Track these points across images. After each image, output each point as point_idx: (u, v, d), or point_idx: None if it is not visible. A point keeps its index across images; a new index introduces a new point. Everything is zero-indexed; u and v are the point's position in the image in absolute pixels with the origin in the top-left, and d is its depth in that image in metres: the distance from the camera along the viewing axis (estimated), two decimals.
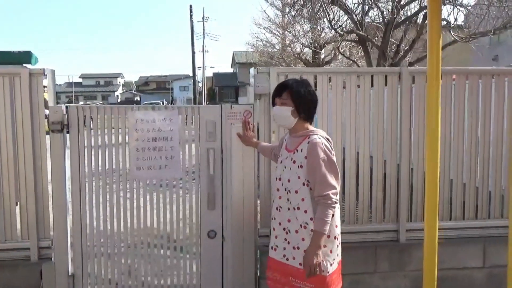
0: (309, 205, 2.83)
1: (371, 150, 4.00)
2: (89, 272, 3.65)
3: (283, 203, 2.94)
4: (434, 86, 2.67)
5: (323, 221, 2.74)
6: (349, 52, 16.63)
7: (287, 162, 2.94)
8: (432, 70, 2.67)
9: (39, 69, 3.58)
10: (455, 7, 10.87)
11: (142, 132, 3.54)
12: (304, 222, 2.84)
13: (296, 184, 2.86)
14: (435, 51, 2.67)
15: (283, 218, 2.94)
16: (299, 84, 2.96)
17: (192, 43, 41.26)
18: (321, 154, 2.80)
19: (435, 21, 2.70)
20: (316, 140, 2.83)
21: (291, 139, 3.00)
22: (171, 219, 3.68)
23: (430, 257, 2.78)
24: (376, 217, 4.03)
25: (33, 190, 3.57)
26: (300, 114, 2.93)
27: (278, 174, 3.02)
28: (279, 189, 2.97)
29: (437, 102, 2.67)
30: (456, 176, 4.10)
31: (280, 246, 2.96)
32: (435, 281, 2.91)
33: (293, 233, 2.89)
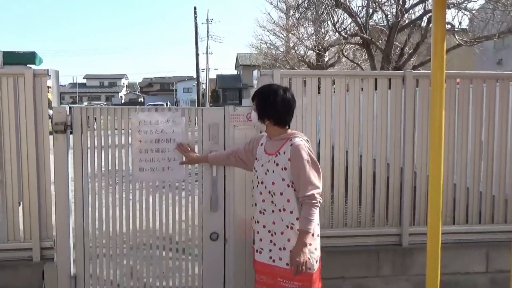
0: (294, 206, 2.93)
1: (374, 153, 3.99)
2: (91, 273, 3.65)
3: (267, 206, 3.00)
4: (438, 90, 2.66)
5: (308, 220, 2.84)
6: (353, 55, 16.63)
7: (269, 165, 3.00)
8: (437, 74, 2.66)
9: (43, 70, 3.59)
10: (459, 11, 10.85)
11: (145, 134, 3.54)
12: (291, 222, 2.93)
13: (280, 186, 2.94)
14: (439, 55, 2.66)
15: (268, 221, 3.00)
16: (269, 92, 3.05)
17: (196, 45, 41.31)
18: (305, 155, 2.90)
19: (440, 25, 2.69)
20: (299, 143, 2.94)
21: (270, 143, 3.08)
22: (173, 221, 3.67)
23: (433, 261, 2.77)
24: (379, 221, 4.01)
25: (36, 191, 3.57)
26: (265, 121, 3.04)
27: (259, 177, 3.06)
28: (262, 192, 3.03)
29: (441, 105, 2.66)
30: (459, 181, 4.09)
31: (266, 249, 3.00)
32: (438, 286, 2.90)
33: (279, 234, 2.96)
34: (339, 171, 3.92)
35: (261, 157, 3.10)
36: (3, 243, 3.61)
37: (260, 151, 3.13)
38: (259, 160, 3.11)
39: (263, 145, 3.12)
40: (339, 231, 3.93)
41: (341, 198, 3.93)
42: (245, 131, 3.61)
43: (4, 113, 3.55)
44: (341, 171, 3.92)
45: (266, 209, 3.00)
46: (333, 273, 3.83)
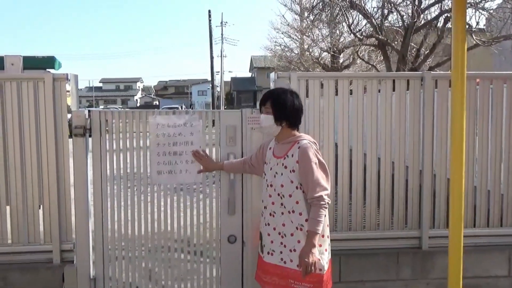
0: (303, 207, 2.96)
1: (392, 155, 3.95)
2: (110, 275, 3.67)
3: (276, 208, 3.03)
4: (459, 91, 2.63)
5: (317, 221, 2.87)
6: (368, 57, 16.52)
7: (278, 168, 3.04)
8: (457, 75, 2.63)
9: (62, 74, 3.63)
10: (477, 10, 10.71)
11: (163, 137, 3.56)
12: (300, 224, 2.96)
13: (289, 188, 2.98)
14: (460, 55, 2.63)
15: (278, 223, 3.02)
16: (283, 94, 3.09)
17: (211, 48, 41.50)
18: (313, 158, 2.95)
19: (460, 25, 2.66)
20: (306, 145, 2.98)
21: (278, 146, 3.11)
22: (191, 223, 3.68)
23: (455, 265, 2.73)
24: (398, 223, 3.97)
25: (56, 194, 3.61)
26: (282, 123, 3.05)
27: (268, 180, 3.10)
28: (271, 195, 3.06)
29: (462, 107, 2.63)
30: (480, 183, 4.02)
31: (277, 250, 3.03)
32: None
33: (289, 236, 2.98)
34: (357, 173, 3.89)
35: (270, 160, 3.14)
36: (23, 245, 3.65)
37: (269, 155, 3.18)
38: (268, 163, 3.16)
39: (271, 149, 3.17)
40: (358, 234, 3.90)
41: (359, 200, 3.90)
42: (262, 133, 3.60)
43: (24, 117, 3.59)
44: (359, 174, 3.89)
45: (276, 211, 3.04)
46: (351, 277, 3.81)
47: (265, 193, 3.15)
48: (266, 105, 3.07)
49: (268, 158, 3.17)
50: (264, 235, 3.13)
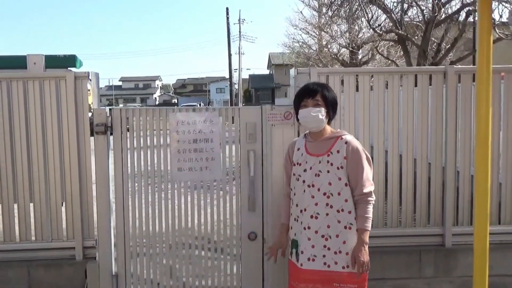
0: (351, 205, 2.87)
1: (414, 152, 3.89)
2: (132, 272, 3.70)
3: (320, 209, 2.88)
4: (484, 85, 2.56)
5: (368, 218, 2.84)
6: (387, 52, 16.34)
7: (322, 166, 2.89)
8: (482, 68, 2.56)
9: (83, 73, 3.66)
10: (500, 3, 10.48)
11: (183, 134, 3.56)
12: (349, 223, 2.86)
13: (338, 186, 2.86)
14: (485, 48, 2.57)
15: (321, 225, 2.88)
16: (327, 87, 3.02)
17: (229, 45, 41.55)
18: (363, 153, 2.90)
19: (486, 17, 2.59)
20: (355, 140, 2.93)
21: (315, 143, 2.96)
22: (211, 220, 3.69)
23: (480, 263, 2.67)
24: (420, 220, 3.91)
25: (78, 191, 3.65)
26: (330, 117, 2.97)
27: (308, 181, 2.92)
28: (314, 196, 2.89)
29: (487, 102, 2.56)
30: (505, 179, 3.94)
31: (319, 255, 2.88)
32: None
33: (334, 238, 2.87)
34: (379, 170, 3.84)
35: (304, 160, 2.96)
36: (47, 242, 3.70)
37: (298, 155, 3.01)
38: (301, 164, 2.97)
39: (301, 148, 3.01)
40: (379, 231, 3.85)
41: (381, 197, 3.85)
42: (282, 130, 3.59)
43: (47, 115, 3.64)
44: (380, 171, 3.84)
45: (320, 212, 2.88)
46: (373, 274, 3.74)
47: (303, 196, 2.94)
48: (316, 97, 2.90)
49: (299, 159, 2.99)
50: (302, 240, 2.93)
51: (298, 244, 2.96)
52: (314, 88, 2.95)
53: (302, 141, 3.06)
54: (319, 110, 2.89)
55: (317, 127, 2.94)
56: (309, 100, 2.92)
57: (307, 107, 2.91)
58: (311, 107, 2.90)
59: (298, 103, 2.98)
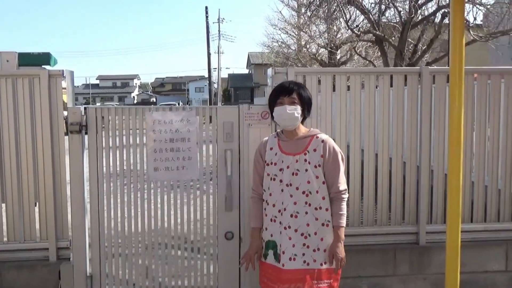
0: (328, 203, 2.93)
1: (390, 151, 3.94)
2: (107, 272, 3.66)
3: (300, 208, 2.89)
4: (457, 86, 2.62)
5: (343, 215, 2.92)
6: (365, 53, 16.52)
7: (299, 165, 2.90)
8: (455, 70, 2.62)
9: (58, 71, 3.60)
10: (474, 6, 10.69)
11: (160, 133, 3.54)
12: (327, 220, 2.91)
13: (315, 184, 2.89)
14: (458, 50, 2.62)
15: (302, 223, 2.90)
16: (303, 87, 3.04)
17: (208, 45, 41.42)
18: (338, 150, 2.97)
19: (458, 19, 2.65)
20: (330, 139, 2.99)
21: (291, 143, 2.96)
22: (188, 220, 3.67)
23: (452, 260, 2.73)
24: (395, 219, 3.97)
25: (51, 191, 3.59)
26: (305, 116, 2.99)
27: (285, 180, 2.91)
28: (293, 195, 2.90)
29: (460, 102, 2.62)
30: (477, 178, 4.02)
31: (299, 254, 2.88)
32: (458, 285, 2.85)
33: (313, 235, 2.89)
34: (355, 169, 3.88)
35: (280, 159, 2.94)
36: (19, 243, 3.63)
37: (272, 155, 2.98)
38: (277, 163, 2.95)
39: (274, 148, 2.99)
40: (355, 229, 3.89)
41: (356, 196, 3.89)
42: (259, 129, 3.59)
43: (20, 114, 3.57)
44: (356, 170, 3.88)
45: (299, 211, 2.89)
46: (349, 272, 3.79)
47: (280, 195, 2.92)
48: (292, 95, 2.90)
49: (273, 158, 2.97)
50: (283, 241, 2.90)
51: (277, 244, 2.95)
52: (290, 86, 2.96)
53: (274, 140, 3.04)
54: (295, 108, 2.90)
55: (292, 125, 2.94)
56: (285, 98, 2.92)
57: (283, 105, 2.91)
58: (287, 105, 2.90)
59: (274, 100, 2.97)
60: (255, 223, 3.11)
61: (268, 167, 3.00)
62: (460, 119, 2.63)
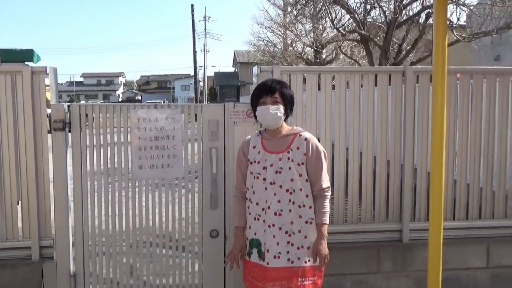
0: (311, 200, 2.94)
1: (374, 150, 3.98)
2: (91, 271, 3.63)
3: (284, 206, 2.90)
4: (440, 85, 2.65)
5: (326, 213, 2.94)
6: (350, 52, 16.62)
7: (282, 163, 2.91)
8: (438, 69, 2.65)
9: (41, 67, 3.56)
10: (457, 6, 10.83)
11: (145, 131, 3.52)
12: (310, 218, 2.93)
13: (299, 182, 2.91)
14: (441, 50, 2.65)
15: (286, 221, 2.91)
16: (285, 85, 3.02)
17: (194, 43, 41.26)
18: (321, 149, 2.98)
19: (441, 20, 2.67)
20: (313, 137, 3.00)
21: (274, 141, 2.97)
22: (173, 218, 3.66)
23: (434, 257, 2.76)
24: (379, 217, 4.00)
25: (34, 189, 3.55)
26: (288, 114, 3.00)
27: (269, 178, 2.91)
28: (277, 193, 2.90)
29: (443, 101, 2.65)
30: (460, 177, 4.08)
31: (283, 252, 2.90)
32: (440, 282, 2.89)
33: (297, 233, 2.91)
34: (339, 167, 3.90)
35: (263, 158, 2.95)
36: (1, 241, 3.58)
37: (255, 153, 2.98)
38: (260, 162, 2.95)
39: (257, 146, 2.99)
40: (340, 227, 3.93)
41: (341, 194, 3.92)
42: (244, 128, 3.59)
43: (2, 111, 3.52)
44: (341, 168, 3.91)
45: (283, 209, 2.90)
46: (333, 270, 3.82)
47: (264, 194, 2.93)
48: (275, 95, 2.90)
49: (256, 157, 2.97)
50: (267, 239, 2.91)
51: (261, 243, 2.95)
52: (273, 85, 2.94)
53: (257, 138, 3.04)
54: (278, 107, 2.90)
55: (275, 125, 2.95)
56: (268, 97, 2.91)
57: (266, 104, 2.91)
58: (270, 105, 2.90)
59: (256, 100, 2.97)
60: (238, 221, 3.11)
61: (251, 166, 3.00)
62: (442, 118, 2.67)
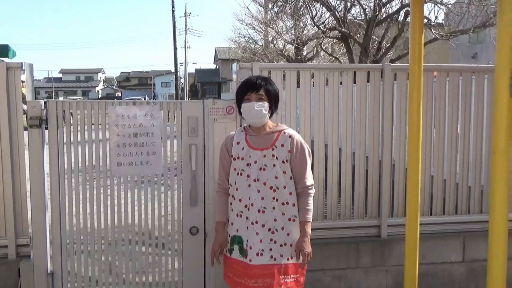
0: (295, 198, 2.94)
1: (353, 146, 4.02)
2: (69, 269, 3.59)
3: (267, 203, 2.89)
4: (416, 83, 2.70)
5: (309, 210, 2.92)
6: (331, 49, 16.70)
7: (267, 160, 2.89)
8: (414, 67, 2.69)
9: (16, 63, 3.50)
10: (435, 5, 11.00)
11: (123, 128, 3.49)
12: (293, 215, 2.92)
13: (283, 179, 2.89)
14: (417, 48, 2.70)
15: (269, 219, 2.89)
16: (270, 82, 3.00)
17: (174, 39, 41.00)
18: (306, 146, 2.96)
19: (417, 19, 2.72)
20: (297, 135, 2.98)
21: (257, 137, 2.95)
22: (152, 215, 3.63)
23: (411, 251, 2.81)
24: (358, 213, 4.05)
25: (10, 187, 3.49)
26: (273, 111, 2.99)
27: (253, 176, 2.90)
28: (260, 190, 2.89)
29: (419, 98, 2.70)
30: (436, 172, 4.15)
31: (266, 249, 2.88)
32: (416, 276, 2.95)
33: (280, 230, 2.90)
34: (319, 164, 3.93)
35: (248, 154, 2.93)
36: None
37: (239, 149, 2.96)
38: (244, 158, 2.93)
39: (241, 142, 2.97)
40: (319, 223, 3.95)
41: (320, 191, 3.95)
42: (224, 124, 3.59)
43: None
44: (320, 165, 3.94)
45: (267, 206, 2.89)
46: (313, 266, 3.85)
47: (247, 190, 2.91)
48: (260, 92, 2.88)
49: (240, 153, 2.95)
50: (250, 236, 2.90)
51: (243, 240, 2.94)
52: (258, 82, 2.91)
53: (241, 134, 3.02)
54: (262, 104, 2.88)
55: (260, 122, 2.94)
56: (253, 94, 2.89)
57: (251, 101, 2.88)
58: (255, 102, 2.88)
59: (241, 97, 2.94)
60: (219, 217, 3.10)
61: (234, 162, 2.98)
62: (419, 115, 2.71)
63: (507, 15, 2.12)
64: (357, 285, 4.02)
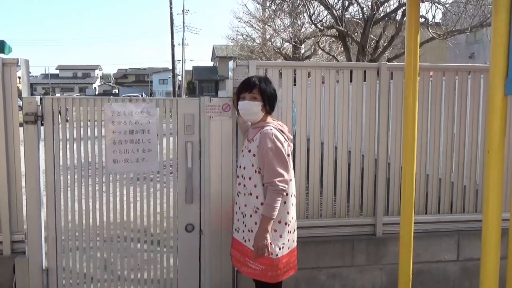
0: (260, 191, 3.02)
1: (349, 145, 4.02)
2: (64, 266, 3.59)
3: (241, 188, 3.14)
4: (412, 82, 2.70)
5: (271, 207, 2.94)
6: (329, 48, 16.71)
7: (245, 151, 3.15)
8: (410, 66, 2.70)
9: (12, 59, 3.48)
10: (433, 4, 11.01)
11: (119, 125, 3.48)
12: (255, 207, 3.04)
13: (249, 171, 3.06)
14: (413, 47, 2.70)
15: (241, 203, 3.14)
16: (266, 81, 3.17)
17: (172, 36, 40.91)
18: (269, 143, 2.98)
19: (414, 18, 2.72)
20: (267, 131, 3.02)
21: (251, 130, 3.20)
22: (148, 212, 3.63)
23: (405, 250, 2.82)
24: (353, 211, 4.06)
25: (5, 184, 3.48)
26: (267, 109, 3.12)
27: (239, 162, 3.22)
28: (239, 176, 3.16)
29: (414, 97, 2.70)
30: (432, 171, 4.16)
31: (240, 229, 3.17)
32: (410, 274, 2.96)
33: (248, 217, 3.08)
34: (315, 162, 3.94)
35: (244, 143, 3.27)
36: None
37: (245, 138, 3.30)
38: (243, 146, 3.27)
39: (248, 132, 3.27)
40: (314, 221, 3.96)
41: (316, 189, 3.95)
42: (220, 122, 3.59)
43: None
44: (316, 163, 3.95)
45: (240, 191, 3.15)
46: (308, 263, 3.87)
47: (236, 174, 3.28)
48: (253, 91, 3.07)
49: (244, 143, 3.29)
50: (234, 212, 3.26)
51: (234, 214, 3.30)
52: (253, 82, 3.11)
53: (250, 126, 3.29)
54: (254, 103, 3.08)
55: (254, 119, 3.15)
56: (247, 93, 3.10)
57: (245, 100, 3.10)
58: (248, 100, 3.09)
59: (238, 95, 3.17)
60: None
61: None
62: (414, 113, 2.72)
63: (501, 14, 2.13)
64: (351, 283, 4.03)
